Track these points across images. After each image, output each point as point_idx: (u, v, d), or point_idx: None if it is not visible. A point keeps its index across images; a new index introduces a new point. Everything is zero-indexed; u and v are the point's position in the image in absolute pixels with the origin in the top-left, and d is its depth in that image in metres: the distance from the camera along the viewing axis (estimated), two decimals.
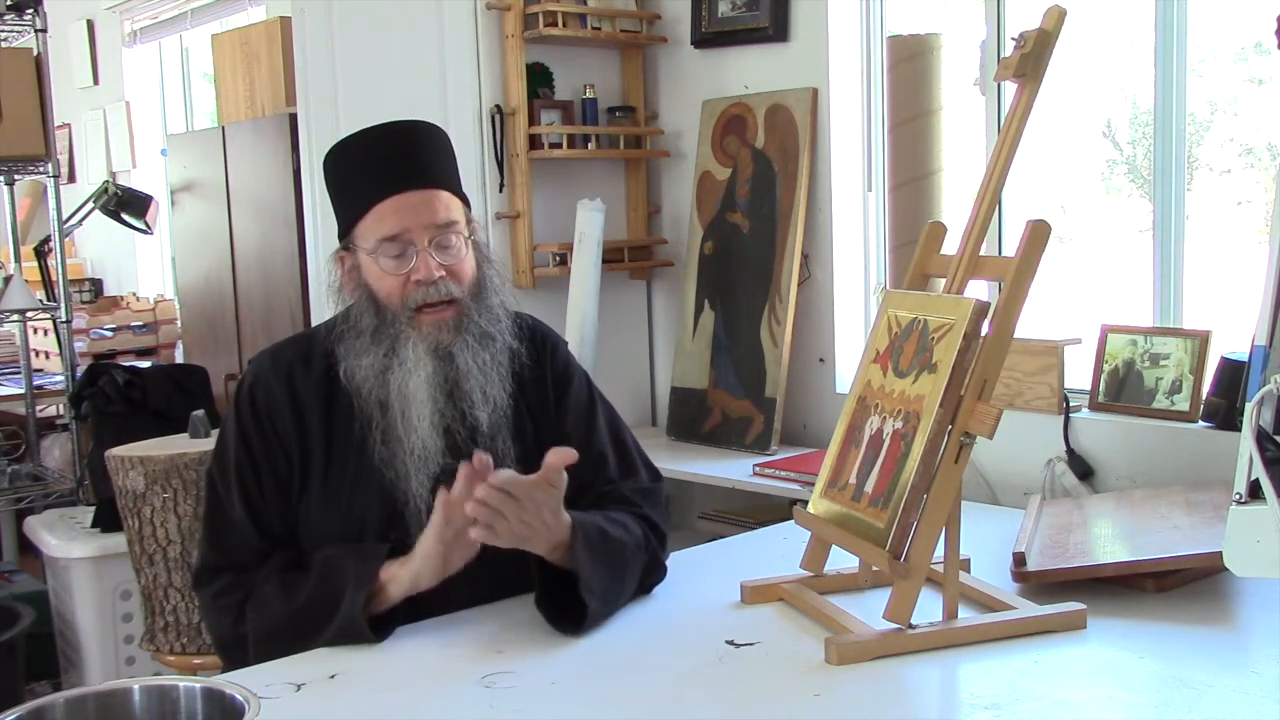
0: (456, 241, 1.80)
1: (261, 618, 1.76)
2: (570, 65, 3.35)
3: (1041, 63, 1.76)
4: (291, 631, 1.72)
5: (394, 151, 1.81)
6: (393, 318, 1.79)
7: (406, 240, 1.77)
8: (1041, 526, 2.10)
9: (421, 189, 1.79)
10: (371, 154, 1.82)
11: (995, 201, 1.83)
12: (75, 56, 6.06)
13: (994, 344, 1.66)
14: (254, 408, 1.83)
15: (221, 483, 1.84)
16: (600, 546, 1.74)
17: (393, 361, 1.78)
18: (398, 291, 1.78)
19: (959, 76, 2.77)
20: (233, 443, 1.84)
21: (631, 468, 1.96)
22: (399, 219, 1.77)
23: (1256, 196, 2.94)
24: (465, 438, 1.79)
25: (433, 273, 1.77)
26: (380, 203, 1.78)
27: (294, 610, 1.73)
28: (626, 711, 1.50)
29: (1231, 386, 2.30)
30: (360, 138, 1.87)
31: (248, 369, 1.91)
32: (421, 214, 1.77)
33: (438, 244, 1.78)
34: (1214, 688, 1.51)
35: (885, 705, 1.52)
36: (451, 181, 1.85)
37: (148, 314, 5.21)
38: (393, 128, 1.86)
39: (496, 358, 1.82)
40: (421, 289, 1.77)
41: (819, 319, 3.15)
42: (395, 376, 1.78)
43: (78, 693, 1.28)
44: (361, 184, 1.81)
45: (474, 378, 1.79)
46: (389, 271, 1.78)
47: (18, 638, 3.23)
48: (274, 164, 4.09)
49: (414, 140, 1.83)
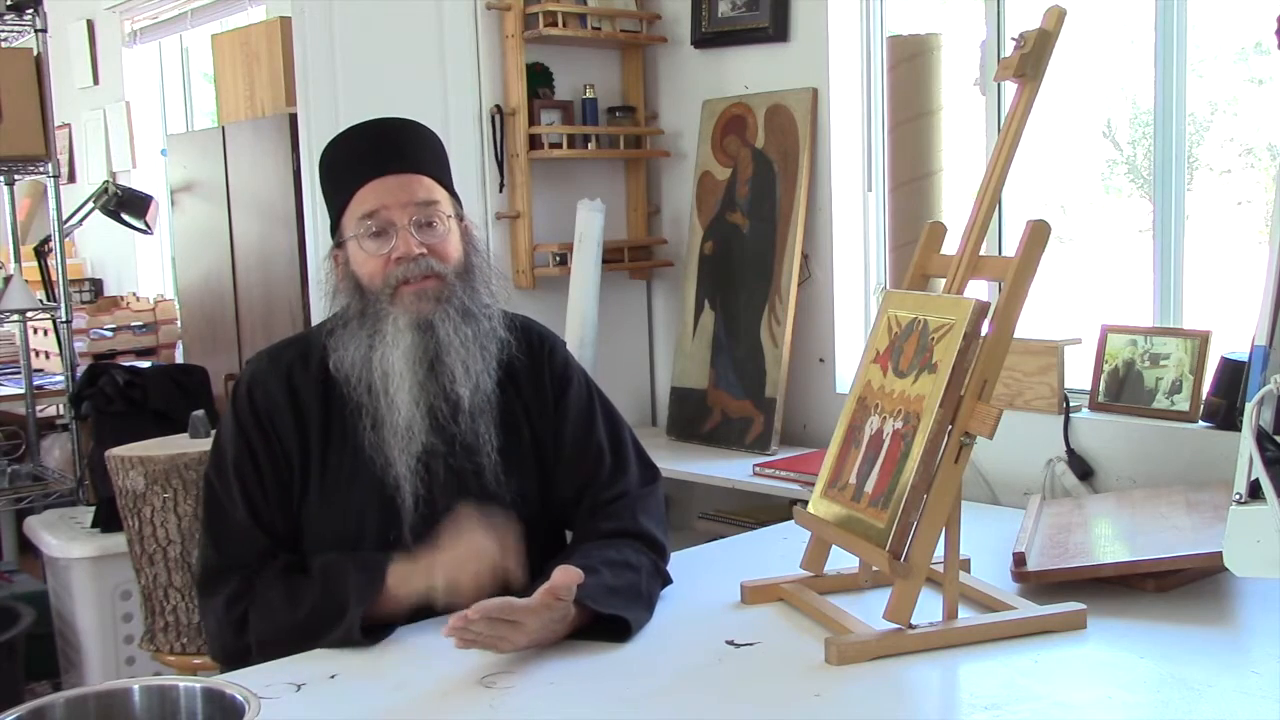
0: (439, 223, 1.80)
1: (264, 623, 1.75)
2: (570, 65, 3.35)
3: (1041, 63, 1.76)
4: (292, 640, 1.72)
5: (376, 140, 1.82)
6: (375, 298, 1.78)
7: (386, 220, 1.77)
8: (1041, 526, 2.10)
9: (402, 173, 1.79)
10: (354, 146, 1.84)
11: (995, 201, 1.83)
12: (75, 56, 6.05)
13: (994, 344, 1.66)
14: (253, 408, 1.83)
15: (220, 484, 1.83)
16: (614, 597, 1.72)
17: (375, 340, 1.78)
18: (380, 272, 1.78)
19: (959, 76, 2.77)
20: (231, 443, 1.83)
21: (625, 468, 1.94)
22: (377, 197, 1.77)
23: (1256, 196, 2.94)
24: (448, 416, 1.78)
25: (412, 249, 1.77)
26: (361, 188, 1.79)
27: (296, 622, 1.73)
28: (626, 712, 1.49)
29: (1231, 386, 2.30)
30: (346, 133, 1.88)
31: (245, 369, 1.90)
32: (399, 194, 1.77)
33: (418, 222, 1.78)
34: (1214, 688, 1.51)
35: (885, 705, 1.52)
36: (435, 170, 1.84)
37: (148, 314, 5.21)
38: (379, 121, 1.87)
39: (480, 338, 1.80)
40: (402, 265, 1.77)
41: (819, 319, 3.15)
42: (377, 353, 1.77)
43: (78, 693, 1.29)
44: (345, 174, 1.82)
45: (455, 351, 1.78)
46: (370, 253, 1.78)
47: (18, 638, 3.23)
48: (274, 164, 4.09)
49: (398, 131, 1.85)
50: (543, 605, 1.61)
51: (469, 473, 1.81)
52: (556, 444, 1.91)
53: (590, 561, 1.73)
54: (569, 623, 1.67)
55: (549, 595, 1.61)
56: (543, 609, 1.61)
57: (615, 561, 1.77)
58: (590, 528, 1.87)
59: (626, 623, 1.70)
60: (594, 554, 1.77)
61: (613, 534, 1.84)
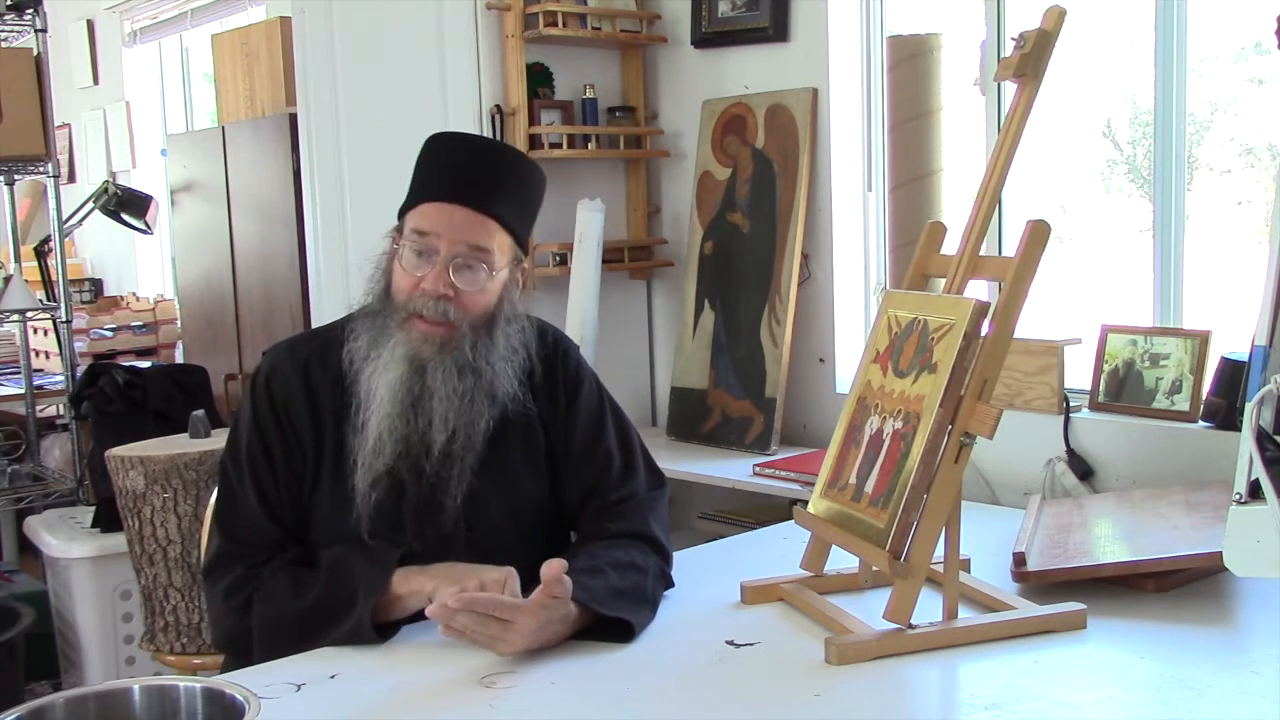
0: (481, 272, 1.77)
1: (269, 611, 1.75)
2: (570, 65, 3.35)
3: (1041, 63, 1.76)
4: (298, 629, 1.72)
5: (469, 161, 1.80)
6: (392, 310, 1.79)
7: (431, 245, 1.75)
8: (1041, 526, 2.10)
9: (470, 209, 1.76)
10: (451, 155, 1.81)
11: (995, 201, 1.83)
12: (75, 56, 6.05)
13: (994, 344, 1.66)
14: (270, 398, 1.83)
15: (234, 471, 1.84)
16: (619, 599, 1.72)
17: (372, 353, 1.78)
18: (406, 289, 1.78)
19: (959, 76, 2.77)
20: (247, 432, 1.84)
21: (634, 472, 1.95)
22: (435, 221, 1.76)
23: (1256, 196, 2.94)
24: (419, 451, 1.77)
25: (439, 288, 1.75)
26: (429, 202, 1.77)
27: (303, 609, 1.73)
28: (626, 712, 1.49)
29: (1231, 386, 2.30)
30: (456, 138, 1.86)
31: (264, 360, 1.90)
32: (456, 229, 1.75)
33: (458, 264, 1.76)
34: (1214, 688, 1.51)
35: (885, 705, 1.52)
36: (510, 215, 1.80)
37: (148, 314, 5.21)
38: (486, 144, 1.89)
39: (472, 392, 1.78)
40: (423, 298, 1.76)
41: (819, 319, 3.15)
42: (369, 368, 1.78)
43: (78, 693, 1.29)
44: (429, 175, 1.80)
45: (439, 399, 1.76)
46: (407, 268, 1.77)
47: (18, 638, 3.23)
48: (274, 164, 4.09)
49: (492, 163, 1.81)
50: (538, 605, 1.61)
51: (427, 509, 1.80)
52: (566, 446, 1.91)
53: (596, 562, 1.73)
54: (571, 624, 1.67)
55: (544, 595, 1.61)
56: (538, 608, 1.61)
57: (621, 563, 1.77)
58: (597, 528, 1.88)
59: (630, 625, 1.70)
60: (600, 554, 1.77)
61: (620, 535, 1.84)
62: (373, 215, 3.41)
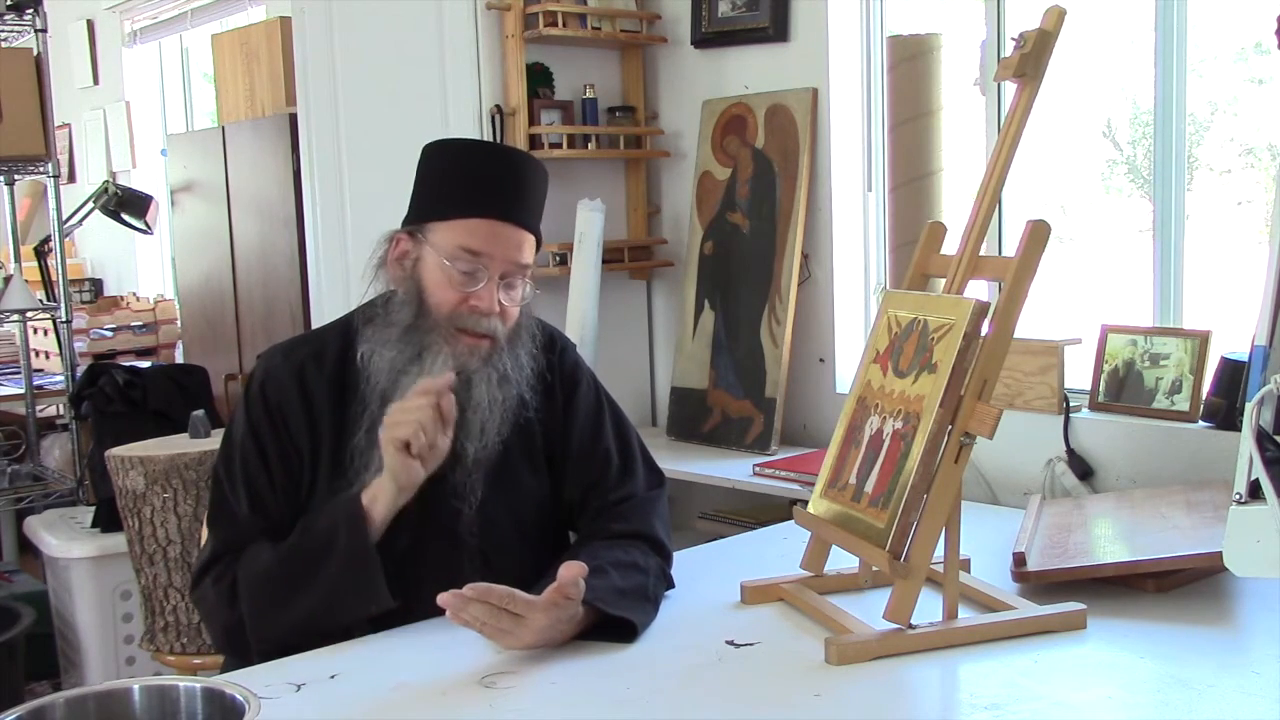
0: (521, 288, 1.81)
1: (251, 570, 1.75)
2: (570, 65, 3.35)
3: (1041, 63, 1.76)
4: (286, 580, 1.71)
5: (510, 180, 1.80)
6: (431, 325, 1.77)
7: (484, 264, 1.76)
8: (1041, 526, 2.10)
9: (521, 228, 1.79)
10: (488, 168, 1.81)
11: (995, 201, 1.83)
12: (75, 56, 6.06)
13: (994, 344, 1.66)
14: (265, 403, 1.82)
15: (228, 480, 1.83)
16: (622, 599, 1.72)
17: (413, 366, 1.77)
18: (450, 304, 1.77)
19: (959, 76, 2.77)
20: (241, 438, 1.83)
21: (633, 470, 1.95)
22: (488, 242, 1.76)
23: (1256, 196, 2.94)
24: (447, 462, 1.77)
25: (492, 307, 1.77)
26: (480, 218, 1.76)
27: (283, 554, 1.73)
28: (626, 711, 1.49)
29: (1231, 386, 2.30)
30: (479, 147, 1.89)
31: (258, 364, 1.89)
32: (509, 249, 1.77)
33: (507, 283, 1.79)
34: (1214, 688, 1.51)
35: (885, 705, 1.52)
36: (538, 224, 1.85)
37: (148, 314, 5.21)
38: (510, 153, 1.88)
39: (508, 401, 1.81)
40: (474, 315, 1.77)
41: (819, 319, 3.15)
42: (408, 379, 1.76)
43: (78, 693, 1.28)
44: (466, 189, 1.78)
45: (480, 410, 1.78)
46: (454, 284, 1.77)
47: (18, 638, 3.23)
48: (274, 164, 4.09)
49: (525, 176, 1.83)
50: (550, 603, 1.61)
51: (442, 514, 1.80)
52: (564, 445, 1.91)
53: (599, 562, 1.73)
54: (577, 623, 1.67)
55: (558, 594, 1.61)
56: (550, 606, 1.61)
57: (624, 563, 1.77)
58: (598, 528, 1.88)
59: (633, 625, 1.70)
60: (602, 554, 1.77)
61: (621, 535, 1.85)
62: (373, 215, 3.42)
